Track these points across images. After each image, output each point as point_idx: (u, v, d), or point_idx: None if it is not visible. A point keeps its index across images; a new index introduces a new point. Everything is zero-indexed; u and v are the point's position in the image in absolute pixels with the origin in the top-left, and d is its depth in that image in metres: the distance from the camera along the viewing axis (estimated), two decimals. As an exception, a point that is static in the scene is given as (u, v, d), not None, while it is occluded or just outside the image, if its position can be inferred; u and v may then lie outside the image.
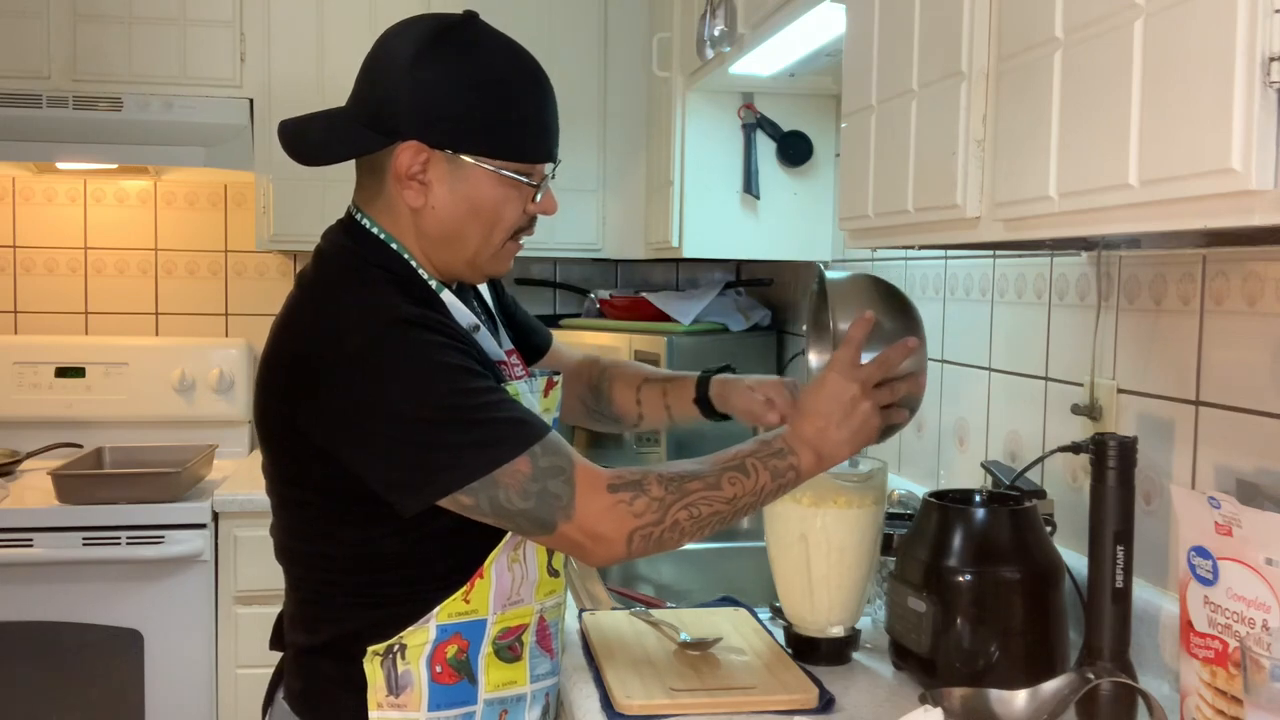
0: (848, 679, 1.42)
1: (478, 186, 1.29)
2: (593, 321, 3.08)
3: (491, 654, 1.32)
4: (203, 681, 2.61)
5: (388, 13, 2.84)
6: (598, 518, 1.21)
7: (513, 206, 1.31)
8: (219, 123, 2.81)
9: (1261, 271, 1.29)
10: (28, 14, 2.73)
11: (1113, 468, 1.25)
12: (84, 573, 2.53)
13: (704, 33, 2.23)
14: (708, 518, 1.25)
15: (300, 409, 1.25)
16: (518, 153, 1.30)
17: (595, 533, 1.22)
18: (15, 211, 3.17)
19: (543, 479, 1.21)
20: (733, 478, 1.27)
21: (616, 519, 1.21)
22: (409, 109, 1.26)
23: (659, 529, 1.23)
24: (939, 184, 1.26)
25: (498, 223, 1.31)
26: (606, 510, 1.21)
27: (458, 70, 1.27)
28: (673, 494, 1.24)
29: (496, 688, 1.33)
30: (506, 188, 1.30)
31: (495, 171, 1.28)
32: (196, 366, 3.09)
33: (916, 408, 1.40)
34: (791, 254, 2.73)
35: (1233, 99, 0.80)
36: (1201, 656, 1.14)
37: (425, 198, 1.29)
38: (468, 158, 1.27)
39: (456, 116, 1.26)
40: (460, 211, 1.29)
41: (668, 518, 1.23)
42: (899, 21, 1.37)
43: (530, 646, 1.36)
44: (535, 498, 1.21)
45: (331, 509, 1.29)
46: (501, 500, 1.20)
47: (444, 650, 1.29)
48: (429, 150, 1.27)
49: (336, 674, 1.32)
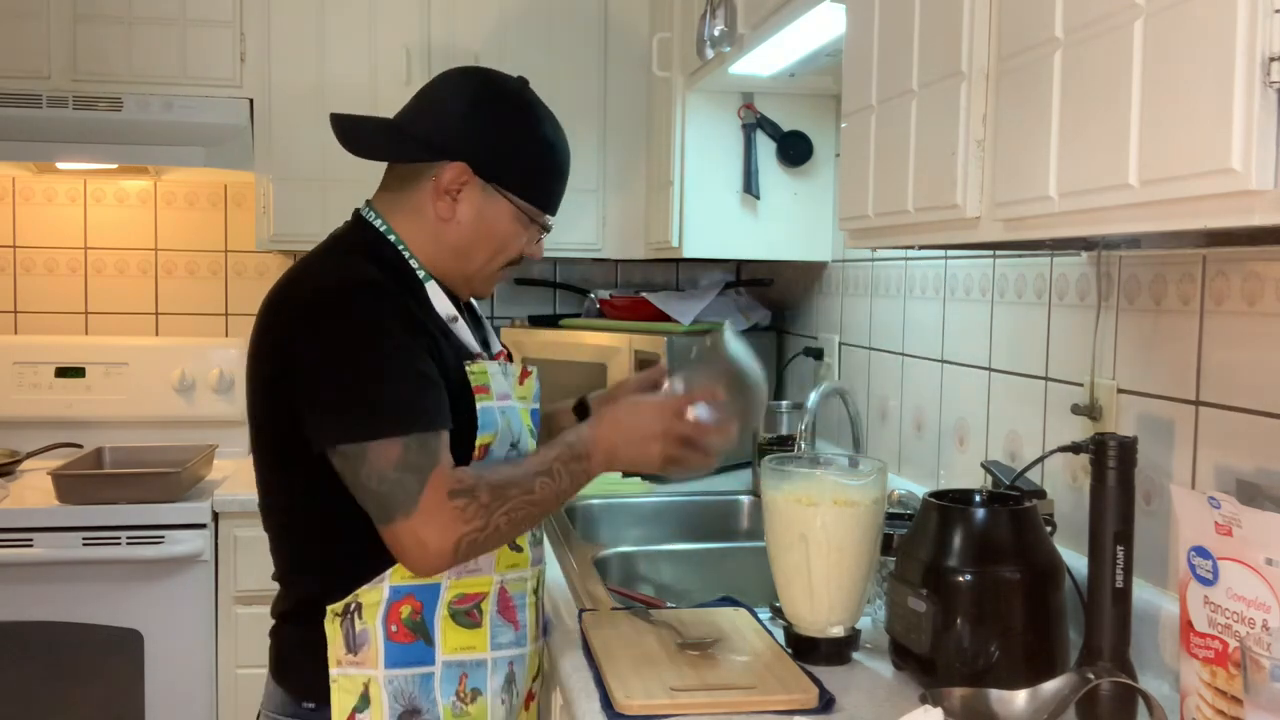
0: (848, 679, 1.42)
1: (499, 216, 1.48)
2: (593, 321, 3.08)
3: (448, 617, 1.41)
4: (203, 681, 2.61)
5: (388, 13, 2.88)
6: (431, 524, 1.29)
7: (517, 241, 1.52)
8: (219, 123, 2.81)
9: (1261, 271, 1.29)
10: (28, 14, 2.73)
11: (1113, 468, 1.25)
12: (84, 573, 2.53)
13: (704, 33, 2.23)
14: (521, 521, 1.36)
15: (259, 353, 1.41)
16: (538, 200, 1.51)
17: (424, 540, 1.29)
18: (15, 211, 3.18)
19: (403, 470, 1.29)
20: (544, 483, 1.37)
21: (446, 528, 1.29)
22: (464, 138, 1.46)
23: (483, 534, 1.32)
24: (939, 184, 1.26)
25: (502, 250, 1.51)
26: (441, 518, 1.29)
27: (512, 120, 1.49)
28: (497, 500, 1.33)
29: (455, 650, 1.42)
30: (519, 225, 1.50)
31: (517, 209, 1.48)
32: (196, 366, 3.09)
33: (722, 455, 1.50)
34: (791, 254, 2.73)
35: (1233, 99, 0.80)
36: (1201, 656, 1.14)
37: (454, 212, 1.46)
38: (500, 190, 1.47)
39: (504, 155, 1.47)
40: (478, 232, 1.48)
41: (491, 523, 1.32)
42: (899, 21, 1.37)
43: (491, 615, 1.44)
44: (390, 485, 1.29)
45: (289, 461, 1.39)
46: (362, 475, 1.30)
47: (398, 610, 1.39)
48: (471, 175, 1.45)
49: (300, 638, 1.42)
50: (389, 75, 2.86)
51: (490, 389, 1.44)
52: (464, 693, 1.42)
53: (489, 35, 2.90)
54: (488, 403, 1.43)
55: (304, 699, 1.42)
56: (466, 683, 1.42)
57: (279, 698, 1.45)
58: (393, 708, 1.39)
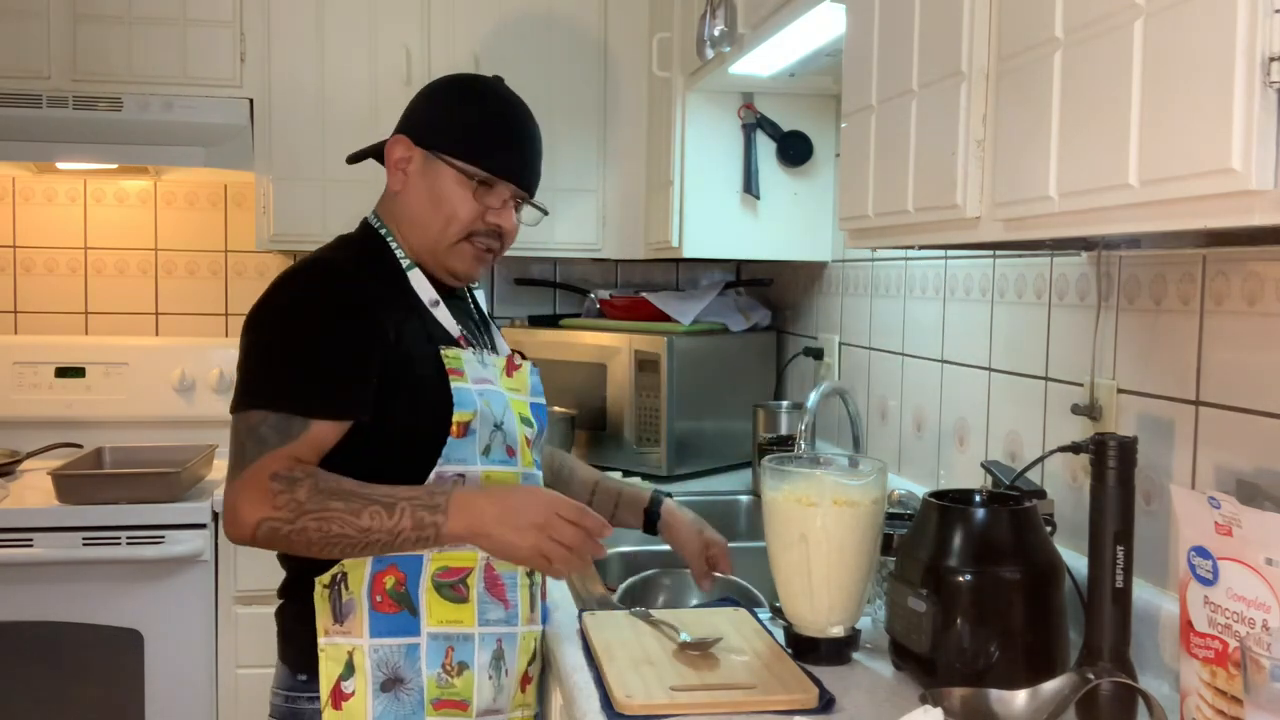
0: (848, 679, 1.42)
1: (441, 180, 1.54)
2: (593, 321, 3.08)
3: (432, 589, 1.45)
4: (203, 681, 2.61)
5: (388, 13, 2.87)
6: (245, 494, 1.35)
7: (467, 206, 1.54)
8: (219, 123, 2.81)
9: (1261, 271, 1.29)
10: (28, 14, 2.73)
11: (1113, 468, 1.25)
12: (84, 573, 2.53)
13: (704, 33, 2.23)
14: (335, 537, 1.35)
15: None
16: (476, 159, 1.54)
17: (235, 506, 1.35)
18: (15, 211, 3.17)
19: (249, 438, 1.37)
20: (376, 512, 1.35)
21: (255, 502, 1.34)
22: (410, 117, 1.59)
23: (287, 528, 1.34)
24: (939, 184, 1.26)
25: (453, 217, 1.54)
26: (255, 492, 1.34)
27: (455, 94, 1.59)
28: (314, 504, 1.34)
29: (440, 623, 1.45)
30: (463, 187, 1.54)
31: (455, 170, 1.53)
32: (196, 366, 3.09)
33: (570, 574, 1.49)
34: (791, 254, 2.73)
35: (1233, 99, 0.80)
36: (1201, 656, 1.14)
37: (404, 184, 1.56)
38: (438, 155, 1.54)
39: (438, 122, 1.56)
40: (425, 200, 1.55)
41: (298, 522, 1.34)
42: (899, 21, 1.37)
43: (478, 591, 1.48)
44: (239, 447, 1.38)
45: None
46: (233, 432, 1.40)
47: (382, 580, 1.43)
48: (413, 147, 1.56)
49: (295, 613, 1.48)
50: (389, 75, 2.85)
51: (464, 373, 1.49)
52: (450, 665, 1.46)
53: (489, 35, 2.90)
54: (462, 384, 1.48)
55: (298, 671, 1.47)
56: (453, 656, 1.46)
57: (281, 674, 1.51)
58: (375, 676, 1.43)
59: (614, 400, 2.84)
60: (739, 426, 2.80)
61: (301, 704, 1.47)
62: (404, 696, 1.44)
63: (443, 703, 1.46)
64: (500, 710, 1.52)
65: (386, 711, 1.43)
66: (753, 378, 2.97)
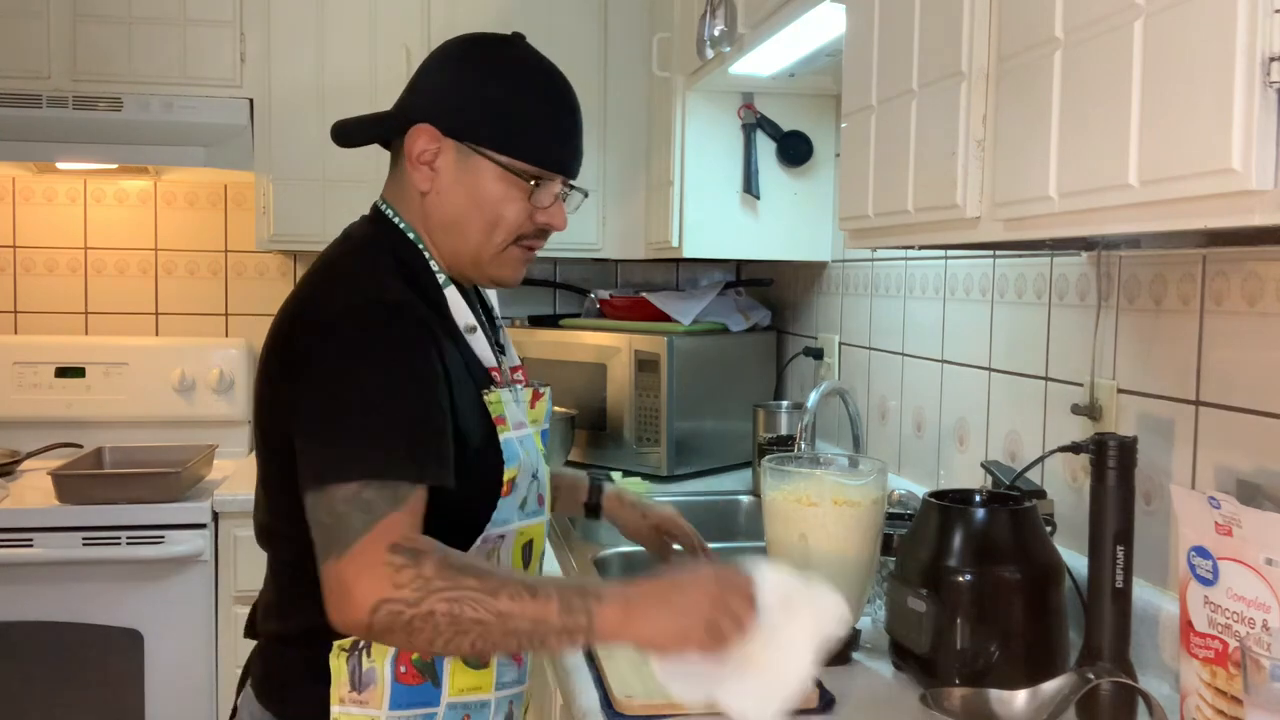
0: (848, 679, 1.42)
1: (481, 179, 1.30)
2: (593, 321, 3.08)
3: (458, 659, 1.30)
4: (203, 681, 2.61)
5: (388, 13, 2.87)
6: (359, 571, 1.10)
7: (515, 206, 1.32)
8: (219, 123, 2.81)
9: (1261, 271, 1.29)
10: (28, 14, 2.73)
11: (1113, 468, 1.25)
12: (84, 573, 2.53)
13: (704, 33, 2.23)
14: (468, 623, 1.09)
15: (274, 370, 1.26)
16: (522, 152, 1.31)
17: (348, 587, 1.10)
18: (15, 211, 3.17)
19: (353, 507, 1.12)
20: (515, 592, 1.10)
21: (374, 581, 1.09)
22: (429, 98, 1.33)
23: (411, 611, 1.09)
24: (939, 184, 1.26)
25: (499, 221, 1.32)
26: (371, 568, 1.09)
27: (483, 70, 1.32)
28: (443, 580, 1.09)
29: (460, 692, 1.32)
30: (509, 185, 1.31)
31: (501, 166, 1.30)
32: (196, 366, 3.09)
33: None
34: (791, 254, 2.73)
35: (1233, 99, 0.80)
36: (1201, 656, 1.14)
37: (433, 183, 1.31)
38: (474, 148, 1.30)
39: (470, 108, 1.30)
40: (463, 201, 1.31)
41: (424, 604, 1.09)
42: (899, 21, 1.37)
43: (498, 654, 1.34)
44: (336, 519, 1.12)
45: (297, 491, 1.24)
46: (318, 512, 1.14)
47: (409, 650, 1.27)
48: (441, 138, 1.30)
49: (303, 664, 1.30)
50: (389, 75, 2.85)
51: (507, 419, 1.32)
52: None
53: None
54: (506, 434, 1.31)
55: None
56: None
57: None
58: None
59: (614, 400, 2.84)
60: (739, 426, 2.80)
61: None
62: None
63: None
64: None
65: None
66: (753, 378, 2.96)
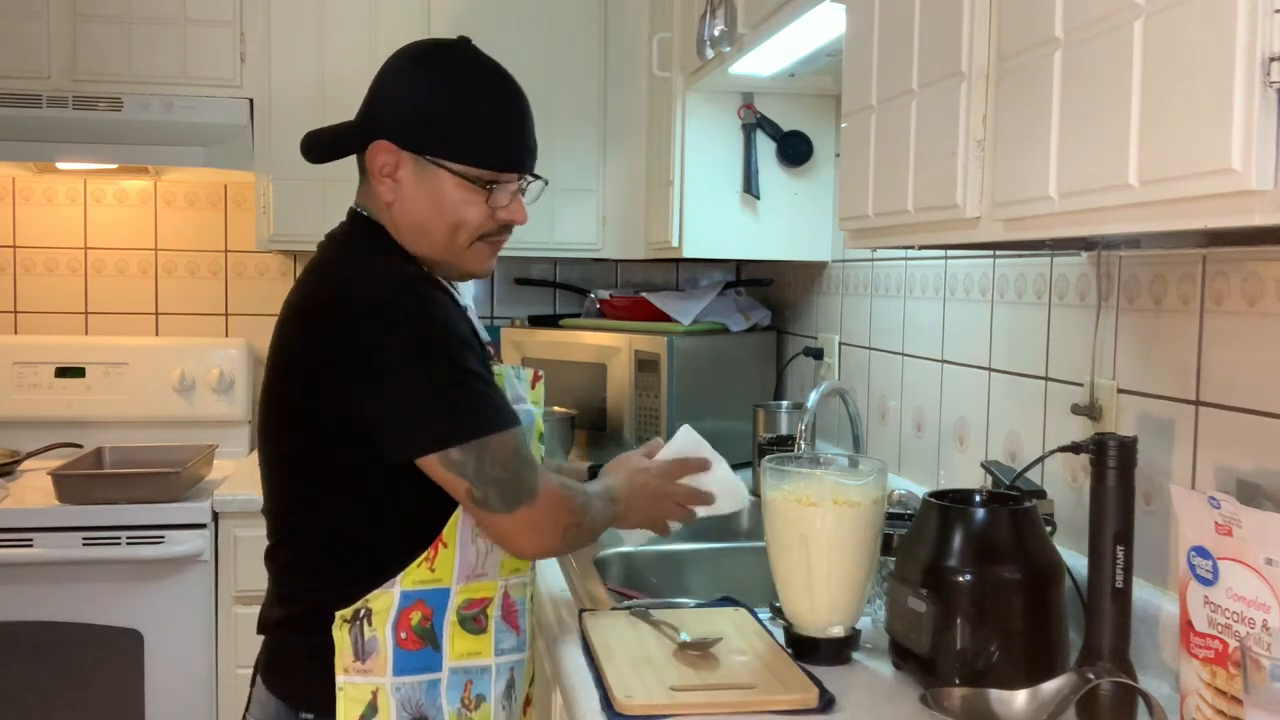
0: (848, 679, 1.42)
1: (440, 187, 1.40)
2: (593, 321, 3.08)
3: (456, 623, 1.40)
4: (203, 681, 2.61)
5: (388, 13, 2.87)
6: (550, 507, 1.36)
7: (474, 209, 1.41)
8: (219, 123, 2.81)
9: (1261, 271, 1.29)
10: (28, 14, 2.73)
11: (1113, 468, 1.25)
12: (84, 573, 2.53)
13: (704, 33, 2.23)
14: (590, 531, 1.45)
15: (312, 356, 1.34)
16: (476, 158, 1.40)
17: (544, 523, 1.36)
18: (15, 211, 3.18)
19: (519, 462, 1.34)
20: (600, 506, 1.47)
21: (559, 512, 1.38)
22: (386, 112, 1.40)
23: (579, 530, 1.41)
24: (939, 184, 1.26)
25: (461, 223, 1.41)
26: (558, 506, 1.37)
27: (433, 81, 1.40)
28: (589, 502, 1.43)
29: (461, 657, 1.41)
30: (466, 190, 1.40)
31: (456, 174, 1.39)
32: (196, 366, 3.09)
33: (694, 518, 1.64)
34: (791, 254, 2.73)
35: (1233, 99, 0.80)
36: (1201, 656, 1.14)
37: (396, 193, 1.40)
38: (431, 160, 1.39)
39: (423, 121, 1.38)
40: (425, 208, 1.40)
41: (586, 520, 1.42)
42: (899, 21, 1.37)
43: (495, 620, 1.44)
44: (513, 473, 1.33)
45: (310, 468, 1.37)
46: (486, 464, 1.31)
47: (408, 616, 1.37)
48: (399, 151, 1.39)
49: (305, 646, 1.38)
50: (389, 75, 2.86)
51: (505, 392, 1.43)
52: (469, 699, 1.41)
53: (488, 36, 2.87)
54: None
55: (303, 709, 1.39)
56: (471, 689, 1.41)
57: (273, 707, 1.41)
58: (400, 715, 1.37)
59: (614, 400, 2.84)
60: (739, 426, 2.80)
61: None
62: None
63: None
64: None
65: None
66: (753, 378, 2.97)
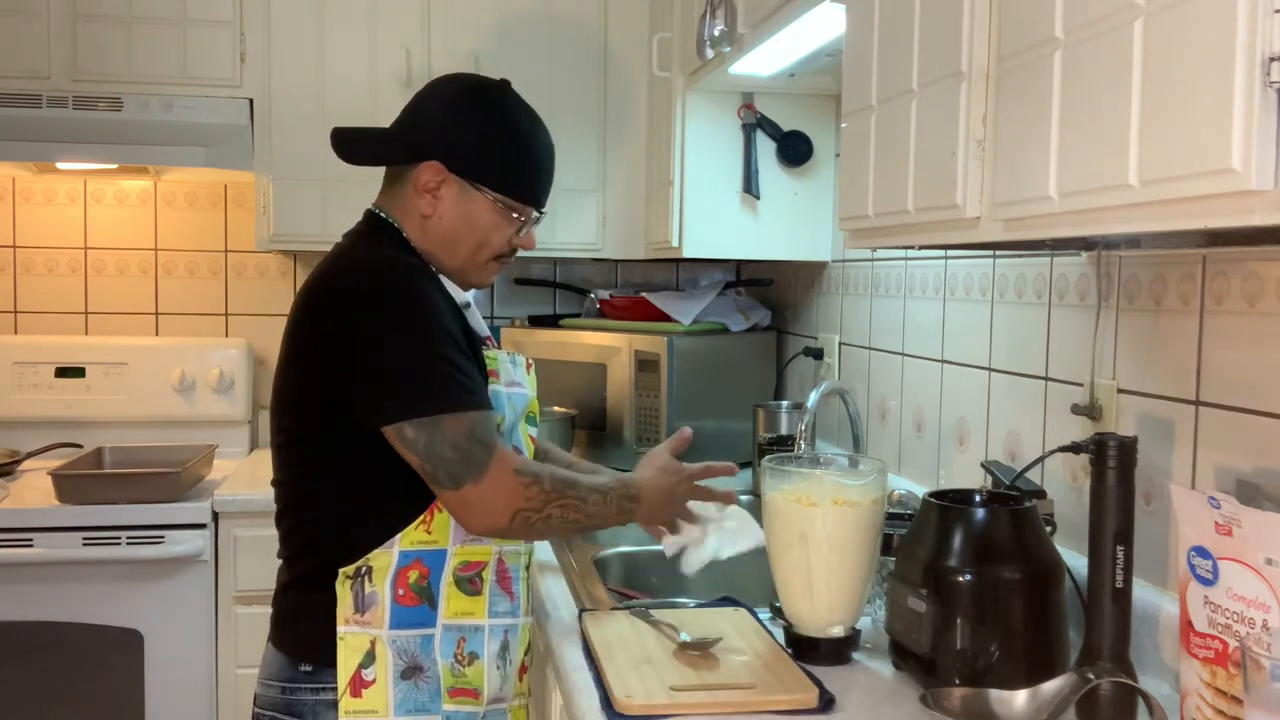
0: (848, 679, 1.42)
1: (477, 209, 1.58)
2: (593, 321, 3.08)
3: (453, 583, 1.51)
4: (203, 681, 2.61)
5: (388, 13, 2.87)
6: (497, 488, 1.43)
7: (500, 233, 1.60)
8: (219, 123, 2.81)
9: (1261, 271, 1.29)
10: (28, 14, 2.73)
11: (1113, 468, 1.25)
12: (84, 573, 2.53)
13: (704, 33, 2.23)
14: (570, 523, 1.51)
15: (308, 333, 1.49)
16: (517, 193, 1.59)
17: (489, 501, 1.44)
18: (15, 211, 3.17)
19: (472, 442, 1.43)
20: (597, 500, 1.54)
21: (509, 494, 1.44)
22: (440, 138, 1.56)
23: (536, 516, 1.47)
24: (939, 184, 1.26)
25: (486, 243, 1.60)
26: (507, 485, 1.44)
27: (487, 119, 1.58)
28: (556, 492, 1.48)
29: (455, 615, 1.51)
30: (499, 217, 1.59)
31: (495, 201, 1.57)
32: (196, 366, 3.09)
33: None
34: (791, 254, 2.73)
35: (1233, 99, 0.80)
36: (1201, 656, 1.14)
37: (435, 209, 1.57)
38: (475, 185, 1.56)
39: (475, 152, 1.56)
40: (459, 226, 1.58)
41: (545, 510, 1.47)
42: (899, 21, 1.37)
43: (490, 584, 1.54)
44: (461, 454, 1.42)
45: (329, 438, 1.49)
46: (436, 443, 1.42)
47: (406, 574, 1.48)
48: (446, 173, 1.55)
49: (304, 602, 1.51)
50: (389, 75, 2.86)
51: (500, 375, 1.56)
52: (461, 655, 1.51)
53: (489, 35, 2.90)
54: (495, 387, 1.54)
55: (301, 661, 1.50)
56: (464, 646, 1.51)
57: (277, 663, 1.52)
58: (396, 664, 1.48)
59: (614, 400, 2.84)
60: (739, 426, 2.80)
61: (302, 694, 1.49)
62: (423, 684, 1.49)
63: (457, 690, 1.51)
64: (504, 699, 1.59)
65: (407, 699, 1.48)
66: (753, 378, 2.96)
